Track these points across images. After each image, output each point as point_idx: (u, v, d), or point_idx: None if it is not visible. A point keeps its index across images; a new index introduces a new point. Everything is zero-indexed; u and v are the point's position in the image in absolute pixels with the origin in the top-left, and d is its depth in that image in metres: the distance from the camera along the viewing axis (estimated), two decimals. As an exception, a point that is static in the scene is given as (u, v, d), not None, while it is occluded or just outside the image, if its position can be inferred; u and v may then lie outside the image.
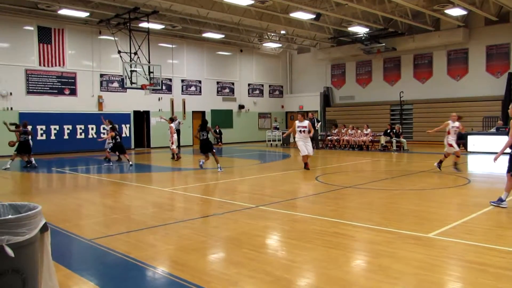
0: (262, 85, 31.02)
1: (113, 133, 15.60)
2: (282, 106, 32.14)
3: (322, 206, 7.85)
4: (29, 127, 18.41)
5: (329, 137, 23.25)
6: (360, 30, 23.97)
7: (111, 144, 15.97)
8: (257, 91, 30.76)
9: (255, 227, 6.35)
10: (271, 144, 25.55)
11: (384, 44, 25.66)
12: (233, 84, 29.19)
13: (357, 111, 27.55)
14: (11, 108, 19.78)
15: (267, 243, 5.70)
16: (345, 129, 22.80)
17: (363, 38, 25.41)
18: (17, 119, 19.45)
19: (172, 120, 18.49)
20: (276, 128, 26.96)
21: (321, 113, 29.40)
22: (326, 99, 29.56)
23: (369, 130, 21.89)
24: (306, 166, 13.38)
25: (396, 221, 6.55)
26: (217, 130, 27.04)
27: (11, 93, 19.80)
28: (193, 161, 17.57)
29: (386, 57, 26.77)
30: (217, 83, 28.27)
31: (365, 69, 28.19)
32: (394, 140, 20.61)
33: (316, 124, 22.66)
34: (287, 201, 8.31)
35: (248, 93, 30.17)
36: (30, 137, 15.18)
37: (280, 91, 32.26)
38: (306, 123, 13.45)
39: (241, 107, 29.36)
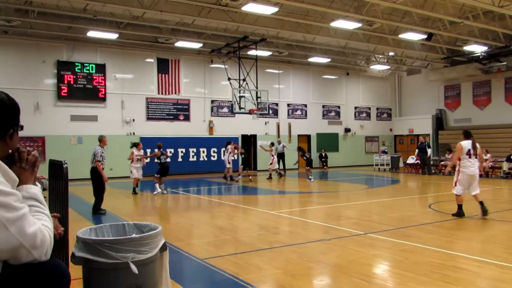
0: (369, 108, 30.28)
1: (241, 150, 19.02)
2: (391, 129, 30.99)
3: (438, 236, 7.33)
4: (148, 150, 20.03)
5: (442, 162, 21.85)
6: (477, 48, 22.38)
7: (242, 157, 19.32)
8: (364, 114, 30.08)
9: (364, 255, 6.11)
10: (379, 168, 24.69)
11: (505, 63, 23.63)
12: (339, 107, 28.90)
13: (475, 134, 25.47)
14: (133, 133, 21.62)
15: (377, 273, 5.44)
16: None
17: (480, 57, 23.68)
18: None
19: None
20: (384, 152, 26.02)
21: (433, 136, 27.78)
22: (439, 122, 27.90)
23: (488, 155, 20.15)
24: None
25: (525, 257, 5.87)
26: (323, 154, 26.86)
27: (133, 120, 21.70)
28: (298, 184, 17.63)
29: (508, 76, 24.60)
30: (323, 106, 28.20)
31: (483, 89, 26.15)
32: (519, 166, 18.69)
33: (427, 149, 21.51)
34: (398, 229, 7.90)
35: (355, 116, 29.63)
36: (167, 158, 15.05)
37: (388, 114, 31.19)
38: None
39: (347, 130, 28.90)
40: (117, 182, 18.58)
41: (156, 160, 14.51)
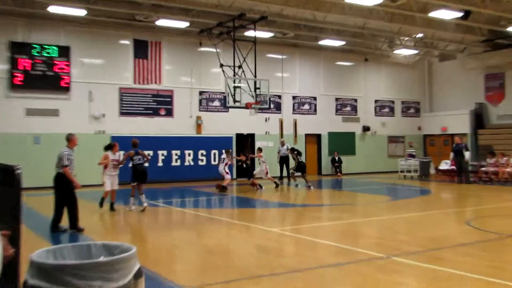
0: (393, 102, 30.30)
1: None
2: (419, 128, 31.03)
3: (478, 260, 7.30)
4: (122, 153, 19.96)
5: (483, 168, 21.84)
6: (525, 29, 22.42)
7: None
8: (387, 109, 30.09)
9: (387, 284, 6.07)
10: (405, 175, 24.70)
11: (559, 46, 23.70)
12: (355, 100, 28.92)
13: (522, 134, 25.59)
14: (103, 132, 21.53)
15: (403, 306, 5.41)
16: (505, 158, 21.27)
17: (529, 39, 23.72)
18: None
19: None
20: (412, 156, 26.04)
21: (471, 136, 27.80)
22: (478, 119, 27.91)
23: (504, 159, 20.32)
24: None
25: None
26: (336, 158, 26.85)
27: (104, 115, 21.62)
28: (304, 195, 17.59)
29: None
30: (336, 99, 28.22)
31: (532, 79, 26.19)
32: None
33: (464, 152, 21.48)
34: (429, 252, 7.86)
35: (375, 112, 29.66)
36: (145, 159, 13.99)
37: (416, 109, 31.21)
38: None
39: (365, 129, 28.91)
40: (83, 192, 18.52)
41: (130, 165, 13.97)
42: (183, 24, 21.22)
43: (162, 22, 20.86)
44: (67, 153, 10.26)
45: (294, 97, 26.82)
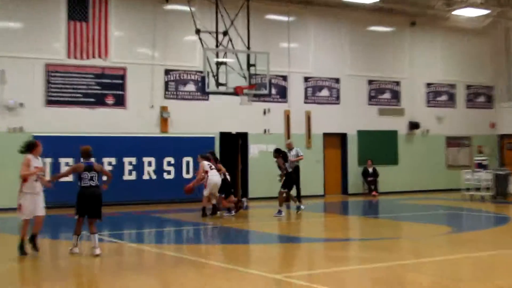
0: (453, 86, 30.27)
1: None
2: (493, 125, 30.97)
3: None
4: (48, 161, 19.79)
5: None
6: None
7: None
8: (444, 97, 30.06)
9: None
10: (472, 195, 24.62)
11: None
12: (397, 84, 28.91)
13: None
14: (21, 128, 21.36)
15: None
16: None
17: None
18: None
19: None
20: (482, 166, 25.97)
21: None
22: None
23: None
24: None
25: None
26: (369, 170, 26.79)
27: (21, 104, 21.46)
28: (320, 224, 17.54)
29: None
30: (369, 82, 28.20)
31: None
32: None
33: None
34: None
35: (427, 101, 29.65)
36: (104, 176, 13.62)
37: (488, 97, 31.18)
38: None
39: (413, 126, 28.83)
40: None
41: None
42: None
43: (109, -33, 20.77)
44: None
45: (306, 79, 26.80)
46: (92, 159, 12.86)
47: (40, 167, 12.73)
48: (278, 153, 19.89)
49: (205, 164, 18.71)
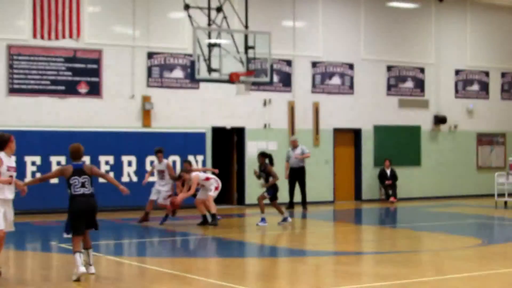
0: (487, 74, 30.27)
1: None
2: (532, 120, 31.01)
3: None
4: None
5: None
6: None
7: None
8: (476, 86, 30.06)
9: None
10: (506, 202, 24.66)
11: None
12: (422, 71, 28.94)
13: None
14: (-21, 122, 21.49)
15: None
16: None
17: None
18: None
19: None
20: (518, 169, 26.07)
21: None
22: None
23: None
24: None
25: None
26: (387, 171, 26.83)
27: (-21, 93, 21.59)
28: (331, 234, 17.55)
29: None
30: (388, 69, 28.23)
31: None
32: None
33: None
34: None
35: (456, 91, 29.66)
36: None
37: (527, 87, 31.21)
38: None
39: (439, 120, 28.82)
40: None
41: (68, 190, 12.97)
42: None
43: None
44: None
45: (314, 64, 26.85)
46: (85, 159, 12.46)
47: (13, 166, 11.85)
48: (263, 157, 19.45)
49: (200, 176, 18.72)
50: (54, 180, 21.96)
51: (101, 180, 22.40)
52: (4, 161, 11.56)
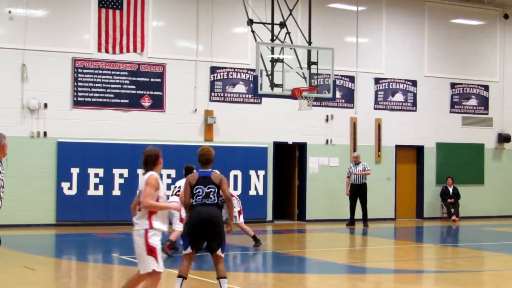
0: (553, 91, 29.85)
1: None
2: None
3: None
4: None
5: None
6: None
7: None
8: (543, 105, 29.66)
9: None
10: None
11: None
12: (486, 89, 28.60)
13: None
14: (45, 134, 21.74)
15: None
16: None
17: None
18: (55, 154, 21.50)
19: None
20: None
21: None
22: None
23: None
24: None
25: None
26: (449, 189, 26.54)
27: (45, 105, 21.83)
28: (395, 254, 17.39)
29: None
30: (452, 86, 27.94)
31: None
32: None
33: None
34: None
35: (522, 108, 29.23)
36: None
37: None
38: None
39: (504, 139, 28.44)
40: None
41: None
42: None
43: None
44: None
45: (377, 80, 26.73)
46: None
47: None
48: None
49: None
50: (117, 192, 22.48)
51: (167, 192, 22.69)
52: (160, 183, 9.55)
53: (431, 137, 27.44)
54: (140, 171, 11.41)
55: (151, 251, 8.45)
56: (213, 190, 10.40)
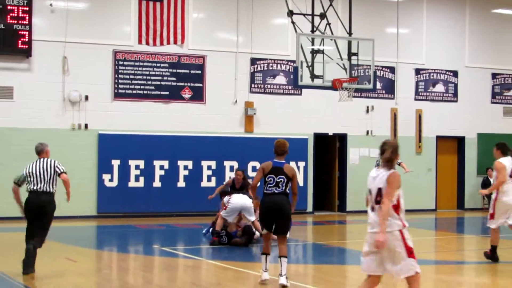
0: None
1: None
2: None
3: None
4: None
5: None
6: None
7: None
8: None
9: None
10: None
11: None
12: (528, 78, 28.27)
13: None
14: (86, 126, 21.90)
15: None
16: None
17: None
18: (96, 146, 21.69)
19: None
20: None
21: None
22: None
23: None
24: None
25: None
26: (490, 179, 26.21)
27: (86, 97, 21.96)
28: (431, 245, 17.26)
29: None
30: (493, 76, 27.68)
31: None
32: None
33: None
34: None
35: None
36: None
37: None
38: None
39: (545, 129, 28.18)
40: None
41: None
42: None
43: None
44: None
45: (418, 71, 26.57)
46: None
47: None
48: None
49: None
50: (157, 184, 22.51)
51: (207, 184, 22.73)
52: None
53: (472, 127, 27.22)
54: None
55: (410, 252, 8.25)
56: (283, 180, 11.43)
